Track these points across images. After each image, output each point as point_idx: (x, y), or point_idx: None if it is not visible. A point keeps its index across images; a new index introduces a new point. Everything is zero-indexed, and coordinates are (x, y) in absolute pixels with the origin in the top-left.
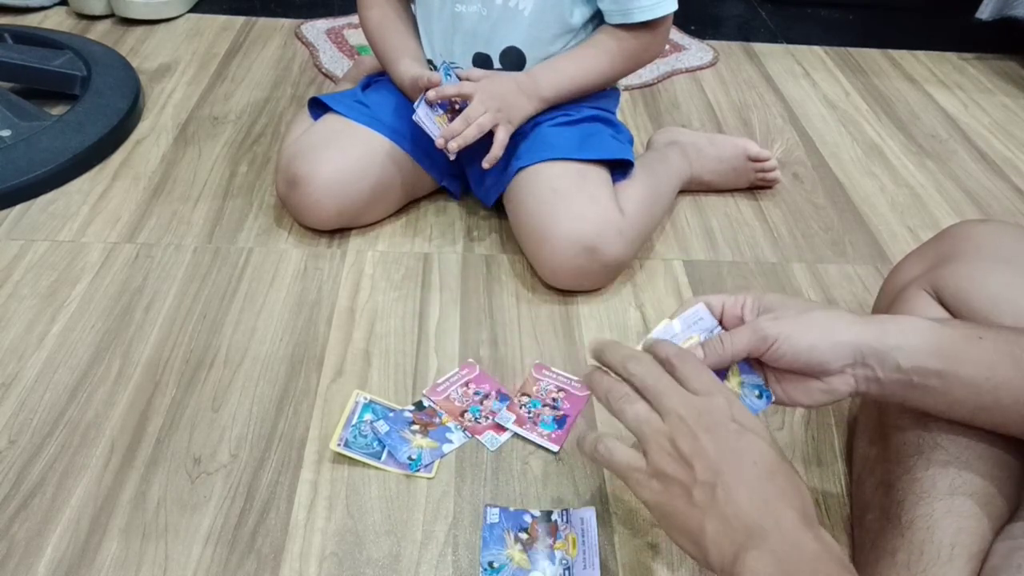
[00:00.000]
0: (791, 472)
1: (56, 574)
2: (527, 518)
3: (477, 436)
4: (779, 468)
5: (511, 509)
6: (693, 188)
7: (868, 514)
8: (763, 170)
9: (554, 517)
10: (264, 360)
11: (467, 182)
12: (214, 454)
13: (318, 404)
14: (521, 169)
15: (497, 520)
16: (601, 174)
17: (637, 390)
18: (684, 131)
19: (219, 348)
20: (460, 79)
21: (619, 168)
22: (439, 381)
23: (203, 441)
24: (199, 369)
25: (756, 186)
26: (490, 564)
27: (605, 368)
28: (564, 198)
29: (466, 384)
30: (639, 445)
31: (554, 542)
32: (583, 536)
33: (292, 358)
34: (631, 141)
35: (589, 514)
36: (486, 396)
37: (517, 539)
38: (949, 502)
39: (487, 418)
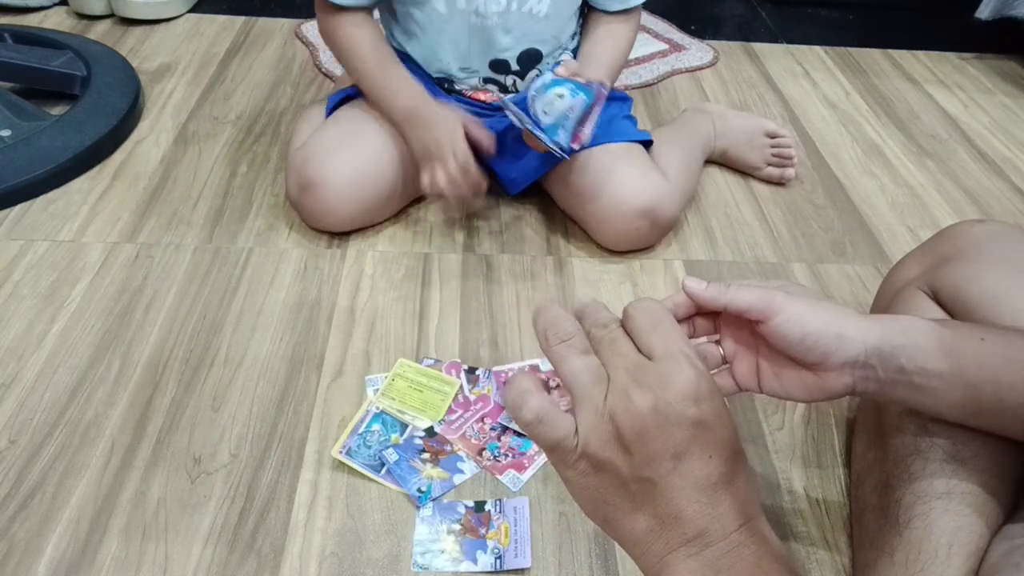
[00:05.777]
0: (744, 460)
1: (56, 574)
2: (460, 509)
3: (498, 476)
4: (735, 462)
5: (444, 501)
6: (714, 159)
7: (867, 514)
8: (779, 146)
9: (487, 507)
10: (264, 360)
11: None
12: (214, 454)
13: (318, 404)
14: (559, 161)
15: (430, 513)
16: (640, 149)
17: (591, 342)
18: (710, 104)
19: (219, 348)
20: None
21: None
22: (452, 418)
23: (203, 441)
24: (199, 369)
25: (771, 164)
26: (421, 555)
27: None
28: (618, 170)
29: (481, 419)
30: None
31: (487, 532)
32: (515, 525)
33: (292, 358)
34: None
35: (522, 503)
36: (503, 431)
37: (450, 531)
38: (947, 501)
39: (506, 455)
